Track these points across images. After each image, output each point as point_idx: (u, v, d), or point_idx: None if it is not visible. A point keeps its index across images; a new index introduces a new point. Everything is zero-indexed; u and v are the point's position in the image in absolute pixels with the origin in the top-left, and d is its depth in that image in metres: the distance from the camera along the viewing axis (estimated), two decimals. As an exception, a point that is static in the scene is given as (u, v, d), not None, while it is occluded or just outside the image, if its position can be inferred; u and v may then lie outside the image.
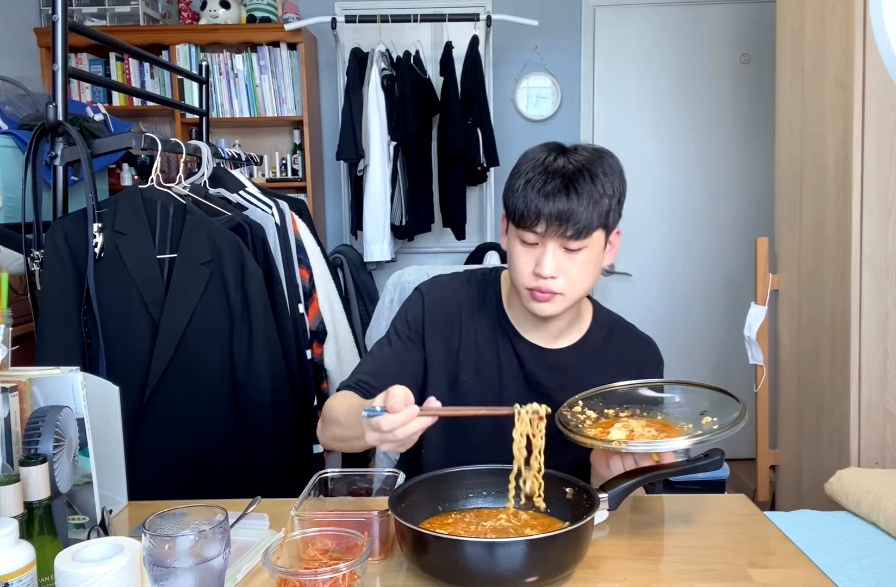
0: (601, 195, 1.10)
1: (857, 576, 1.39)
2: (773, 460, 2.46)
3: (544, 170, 1.10)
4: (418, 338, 1.26)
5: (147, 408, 1.56)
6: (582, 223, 1.08)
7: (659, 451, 1.01)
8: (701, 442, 0.97)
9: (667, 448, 0.98)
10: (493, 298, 1.28)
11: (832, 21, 2.01)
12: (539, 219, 1.09)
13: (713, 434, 0.99)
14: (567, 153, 1.13)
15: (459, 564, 0.86)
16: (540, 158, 1.13)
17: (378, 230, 3.10)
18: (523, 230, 1.11)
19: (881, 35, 1.21)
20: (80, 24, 1.76)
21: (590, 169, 1.10)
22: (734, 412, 1.04)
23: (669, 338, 3.42)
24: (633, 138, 3.58)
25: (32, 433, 0.93)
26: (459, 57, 3.17)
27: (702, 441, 0.97)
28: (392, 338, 1.27)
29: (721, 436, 0.99)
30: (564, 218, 1.07)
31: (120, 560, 0.77)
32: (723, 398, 1.10)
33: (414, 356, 1.25)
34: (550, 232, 1.09)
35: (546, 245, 1.11)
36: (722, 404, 1.08)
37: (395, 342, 1.26)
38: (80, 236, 1.55)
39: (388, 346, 1.26)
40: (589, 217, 1.08)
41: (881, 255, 1.91)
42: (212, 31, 3.27)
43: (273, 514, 1.07)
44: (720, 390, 1.12)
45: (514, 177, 1.14)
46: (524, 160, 1.15)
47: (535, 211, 1.08)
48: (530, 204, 1.09)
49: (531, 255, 1.13)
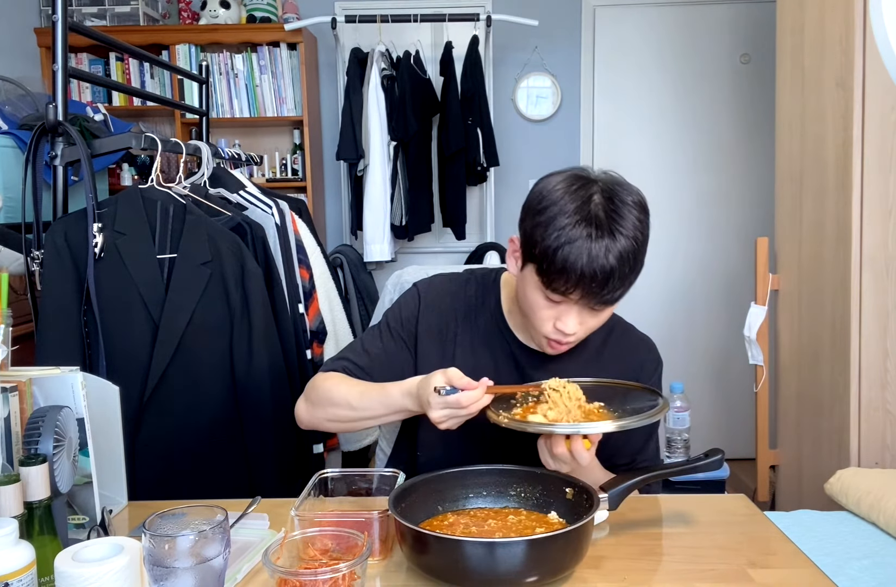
0: (638, 260, 1.05)
1: (857, 576, 1.39)
2: (773, 460, 2.46)
3: (584, 229, 1.01)
4: (409, 338, 1.26)
5: (147, 408, 1.56)
6: (617, 293, 1.05)
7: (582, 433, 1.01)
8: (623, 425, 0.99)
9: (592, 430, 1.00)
10: (493, 301, 1.27)
11: (832, 21, 2.01)
12: (576, 288, 1.04)
13: (634, 419, 1.01)
14: (601, 196, 1.04)
15: (459, 564, 0.86)
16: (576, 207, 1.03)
17: (378, 230, 3.10)
18: (552, 292, 1.06)
19: (881, 35, 1.21)
20: (80, 24, 1.76)
21: (626, 225, 1.03)
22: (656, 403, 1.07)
23: (669, 339, 3.42)
24: (632, 138, 3.58)
25: (32, 433, 0.93)
26: (459, 57, 3.17)
27: (624, 425, 0.99)
28: (383, 332, 1.27)
29: (641, 422, 1.01)
30: (601, 289, 1.04)
31: (120, 560, 0.77)
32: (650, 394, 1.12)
33: (403, 355, 1.25)
34: (583, 300, 1.06)
35: (572, 306, 1.08)
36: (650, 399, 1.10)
37: (385, 338, 1.27)
38: (80, 236, 1.55)
39: (378, 341, 1.27)
40: (624, 286, 1.05)
41: (881, 255, 1.91)
42: (212, 31, 3.27)
43: (273, 514, 1.07)
44: (646, 388, 1.15)
45: (546, 227, 1.04)
46: (553, 206, 1.04)
47: (575, 283, 1.03)
48: (570, 274, 1.02)
49: (554, 310, 1.09)
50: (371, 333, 1.29)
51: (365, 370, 1.23)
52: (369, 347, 1.27)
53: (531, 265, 1.08)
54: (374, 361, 1.24)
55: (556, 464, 1.06)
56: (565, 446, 1.03)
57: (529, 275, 1.09)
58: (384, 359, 1.24)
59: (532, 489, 1.06)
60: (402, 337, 1.26)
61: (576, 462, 1.04)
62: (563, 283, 1.04)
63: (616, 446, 1.23)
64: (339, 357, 1.28)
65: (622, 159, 3.56)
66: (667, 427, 2.48)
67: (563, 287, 1.04)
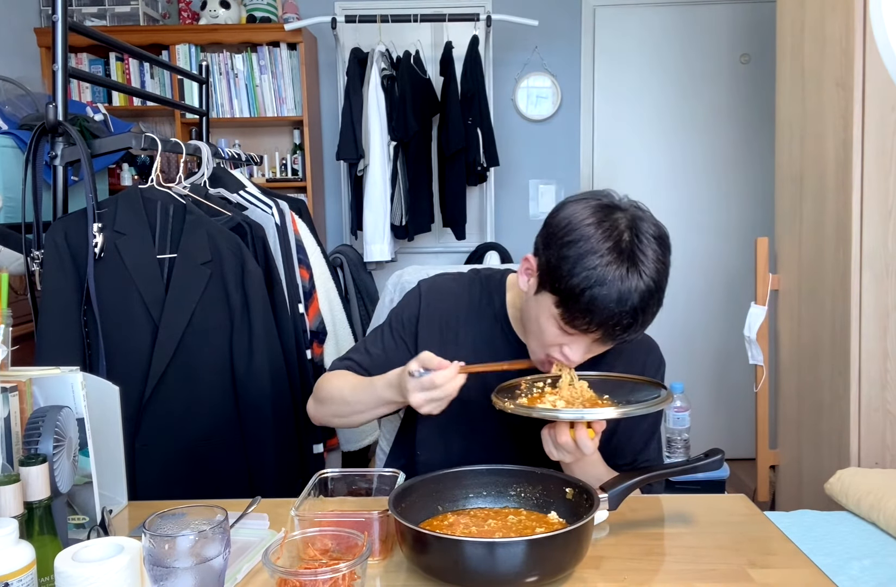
0: (658, 309, 1.05)
1: (858, 576, 1.39)
2: (773, 460, 2.46)
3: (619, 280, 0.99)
4: (410, 339, 1.27)
5: (147, 408, 1.55)
6: (634, 337, 1.05)
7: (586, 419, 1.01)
8: (626, 413, 1.01)
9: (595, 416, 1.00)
10: (497, 303, 1.27)
11: (832, 21, 2.00)
12: (598, 329, 1.02)
13: (637, 407, 1.02)
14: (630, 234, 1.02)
15: (459, 564, 0.86)
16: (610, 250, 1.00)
17: (378, 230, 3.10)
18: (570, 327, 1.04)
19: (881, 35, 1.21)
20: (80, 24, 1.76)
21: (659, 287, 1.04)
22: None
23: (669, 339, 3.40)
24: (632, 138, 3.58)
25: (32, 433, 0.93)
26: (459, 57, 3.17)
27: (627, 412, 1.01)
28: (385, 332, 1.29)
29: (645, 410, 1.03)
30: (622, 333, 1.03)
31: (120, 560, 0.77)
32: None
33: (403, 355, 1.25)
34: (599, 338, 1.05)
35: (584, 338, 1.06)
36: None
37: (387, 339, 1.28)
38: (80, 236, 1.55)
39: (380, 341, 1.29)
40: (642, 330, 1.05)
41: (881, 255, 1.91)
42: (212, 31, 3.27)
43: (273, 514, 1.07)
44: (651, 381, 1.15)
45: (574, 262, 1.00)
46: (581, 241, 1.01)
47: (598, 324, 1.01)
48: (595, 315, 1.00)
49: (565, 338, 1.07)
50: (374, 333, 1.31)
51: (367, 369, 1.25)
52: (371, 348, 1.28)
53: (551, 296, 1.05)
54: (375, 361, 1.26)
55: (559, 453, 1.06)
56: (570, 435, 1.03)
57: (546, 304, 1.06)
58: (385, 359, 1.25)
59: (532, 489, 1.06)
60: (402, 337, 1.27)
61: (580, 451, 1.04)
62: (586, 324, 1.02)
63: (618, 446, 1.23)
64: (345, 357, 1.31)
65: (622, 159, 3.56)
66: (667, 427, 2.48)
67: (585, 327, 1.02)
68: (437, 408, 1.07)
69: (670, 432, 2.49)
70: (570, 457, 1.06)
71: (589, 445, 1.03)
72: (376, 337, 1.30)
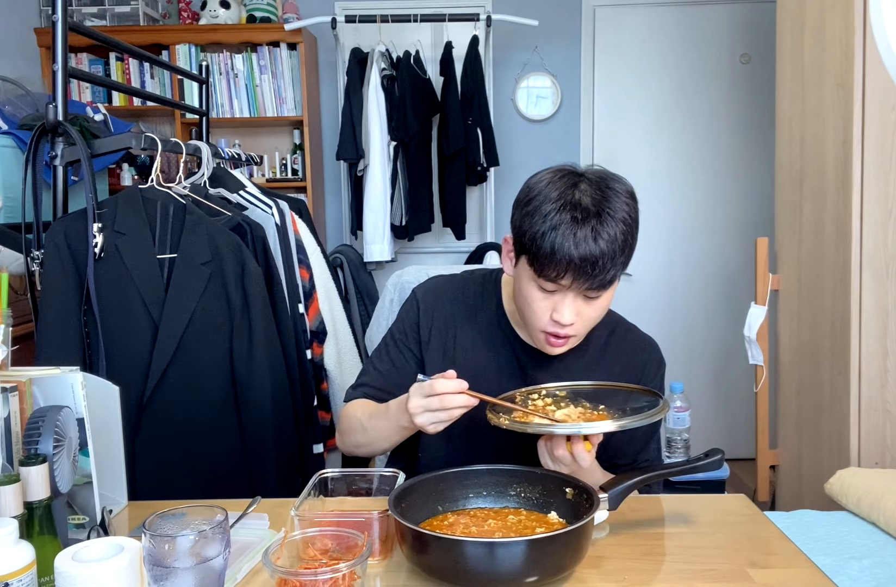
0: (625, 241, 1.04)
1: (857, 576, 1.39)
2: (773, 460, 2.46)
3: (570, 214, 1.02)
4: (416, 346, 1.26)
5: (147, 408, 1.55)
6: (608, 275, 1.04)
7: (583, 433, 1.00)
8: (623, 425, 1.00)
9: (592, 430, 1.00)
10: (493, 301, 1.27)
11: (832, 21, 2.00)
12: (566, 272, 1.03)
13: (633, 419, 1.01)
14: (583, 186, 1.05)
15: (459, 564, 0.86)
16: (560, 195, 1.04)
17: (378, 230, 3.10)
18: (545, 280, 1.06)
19: (881, 35, 1.21)
20: (80, 24, 1.76)
21: (613, 210, 1.03)
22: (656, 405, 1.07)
23: (669, 339, 3.42)
24: (632, 138, 3.58)
25: (32, 433, 0.93)
26: (459, 57, 3.17)
27: (624, 425, 1.00)
28: (389, 346, 1.28)
29: (640, 422, 1.01)
30: (592, 271, 1.02)
31: (120, 560, 0.77)
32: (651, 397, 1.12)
33: (412, 364, 1.25)
34: (575, 284, 1.05)
35: (566, 293, 1.07)
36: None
37: (392, 351, 1.27)
38: (80, 236, 1.55)
39: (386, 356, 1.27)
40: (615, 268, 1.04)
41: (881, 255, 1.91)
42: (212, 31, 3.27)
43: (273, 514, 1.07)
44: (645, 389, 1.14)
45: (532, 214, 1.05)
46: (539, 193, 1.06)
47: (564, 264, 1.02)
48: (559, 258, 1.02)
49: (549, 301, 1.09)
50: (378, 351, 1.30)
51: (383, 389, 1.24)
52: (379, 366, 1.27)
53: (523, 257, 1.09)
54: (387, 378, 1.25)
55: (556, 465, 1.06)
56: (566, 448, 1.03)
57: (523, 268, 1.10)
58: (396, 373, 1.25)
59: (532, 489, 1.06)
60: (408, 346, 1.26)
61: (576, 464, 1.04)
62: (554, 268, 1.03)
63: (618, 447, 1.23)
64: (357, 384, 1.29)
65: (622, 159, 3.56)
66: (667, 427, 2.48)
67: (554, 272, 1.04)
68: (437, 422, 1.03)
69: (670, 432, 2.49)
70: (567, 470, 1.06)
71: (586, 458, 1.03)
72: (381, 354, 1.29)
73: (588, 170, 1.10)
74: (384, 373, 1.26)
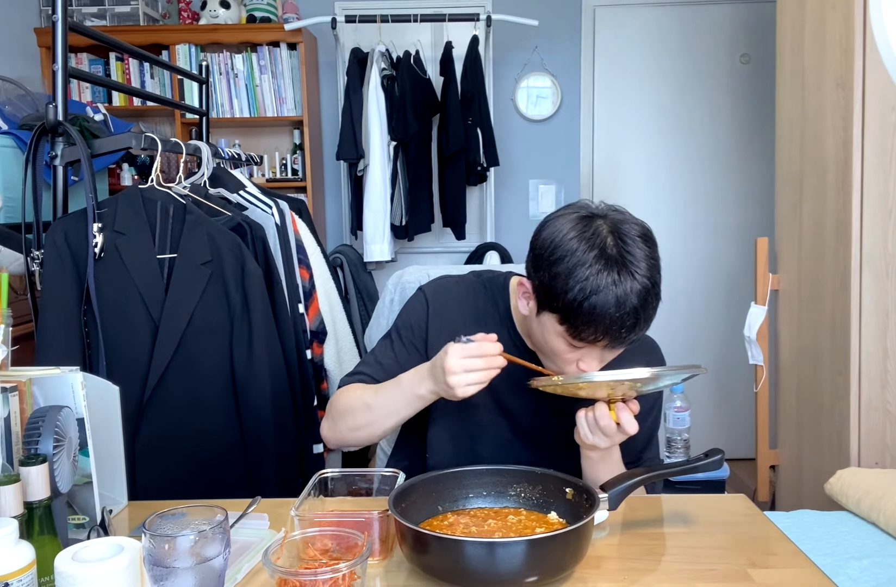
0: (658, 304, 1.05)
1: (857, 576, 1.39)
2: (773, 460, 2.46)
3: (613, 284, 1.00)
4: (421, 345, 1.25)
5: (147, 408, 1.56)
6: (640, 336, 1.05)
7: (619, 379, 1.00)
8: (658, 374, 1.00)
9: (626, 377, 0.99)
10: (502, 307, 1.26)
11: (832, 21, 2.00)
12: (605, 337, 1.03)
13: (668, 369, 1.03)
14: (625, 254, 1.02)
15: (459, 564, 0.86)
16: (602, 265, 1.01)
17: (378, 230, 3.10)
18: (579, 341, 1.05)
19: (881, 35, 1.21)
20: (80, 24, 1.76)
21: (654, 283, 1.04)
22: None
23: (669, 339, 3.40)
24: (632, 138, 3.58)
25: (32, 433, 0.93)
26: (459, 57, 3.17)
27: (659, 374, 1.00)
28: (395, 341, 1.26)
29: (679, 375, 1.03)
30: (629, 337, 1.04)
31: (120, 560, 0.77)
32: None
33: (416, 362, 1.23)
34: (608, 346, 1.05)
35: (595, 348, 1.07)
36: None
37: (397, 347, 1.25)
38: (80, 236, 1.55)
39: (390, 351, 1.25)
40: (647, 329, 1.06)
41: (881, 255, 1.91)
42: (212, 31, 3.27)
43: (273, 514, 1.07)
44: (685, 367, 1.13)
45: (568, 278, 1.01)
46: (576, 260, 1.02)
47: (604, 332, 1.02)
48: (599, 323, 1.01)
49: (576, 353, 1.09)
50: (382, 344, 1.28)
51: (380, 381, 1.22)
52: (382, 359, 1.25)
53: (552, 315, 1.06)
54: (388, 371, 1.23)
55: (596, 437, 1.05)
56: (611, 416, 1.03)
57: (550, 324, 1.07)
58: (398, 368, 1.23)
59: (532, 489, 1.06)
60: (413, 344, 1.25)
61: (623, 432, 1.04)
62: (592, 333, 1.03)
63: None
64: (354, 371, 1.27)
65: (622, 159, 3.56)
66: (667, 427, 2.48)
67: (592, 336, 1.03)
68: (473, 384, 1.02)
69: (670, 432, 2.49)
70: (608, 441, 1.05)
71: (634, 423, 1.02)
72: (385, 347, 1.27)
73: (603, 212, 1.07)
74: (386, 368, 1.24)
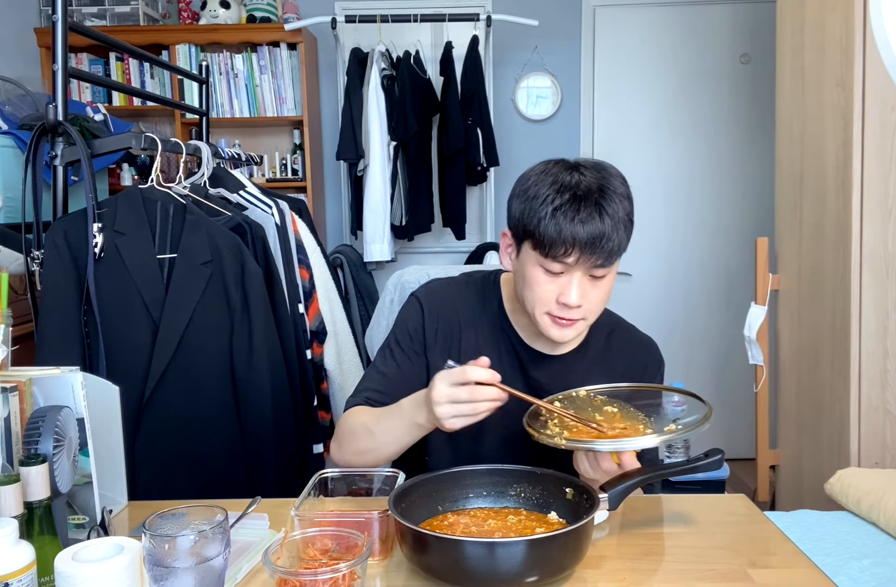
0: (627, 217, 1.07)
1: (857, 576, 1.39)
2: (773, 460, 2.46)
3: (571, 194, 1.05)
4: (421, 349, 1.24)
5: (147, 408, 1.56)
6: (613, 249, 1.06)
7: (627, 449, 1.00)
8: (666, 440, 1.01)
9: (633, 446, 0.99)
10: (495, 304, 1.26)
11: (832, 21, 2.01)
12: (573, 248, 1.05)
13: (677, 433, 1.02)
14: (580, 169, 1.09)
15: (459, 564, 0.86)
16: (558, 178, 1.07)
17: (378, 230, 3.10)
18: (551, 260, 1.07)
19: (881, 35, 1.21)
20: (80, 24, 1.76)
21: (612, 188, 1.07)
22: (700, 414, 1.06)
23: (669, 339, 3.42)
24: (632, 138, 3.58)
25: (32, 433, 0.93)
26: (459, 57, 3.17)
27: (667, 440, 1.01)
28: (395, 350, 1.25)
29: (685, 435, 1.03)
30: (598, 246, 1.04)
31: (120, 560, 0.77)
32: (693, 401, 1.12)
33: (418, 368, 1.23)
34: (581, 261, 1.06)
35: (573, 274, 1.08)
36: (693, 406, 1.11)
37: (398, 355, 1.24)
38: (80, 236, 1.55)
39: (391, 360, 1.24)
40: (618, 241, 1.06)
41: (881, 255, 1.91)
42: (212, 31, 3.27)
43: (273, 514, 1.07)
44: (690, 394, 1.14)
45: (532, 199, 1.08)
46: (537, 181, 1.09)
47: (570, 240, 1.04)
48: (564, 232, 1.04)
49: (555, 283, 1.09)
50: (382, 355, 1.27)
51: (388, 394, 1.20)
52: (384, 370, 1.24)
53: (526, 243, 1.10)
54: (392, 382, 1.21)
55: (596, 474, 1.05)
56: (613, 460, 1.02)
57: (527, 254, 1.11)
58: (401, 377, 1.22)
59: (532, 489, 1.06)
60: (413, 349, 1.24)
61: (621, 470, 1.03)
62: (561, 246, 1.05)
63: None
64: (359, 390, 1.25)
65: (622, 159, 3.56)
66: (667, 427, 2.48)
67: (562, 249, 1.05)
68: (459, 416, 0.98)
69: (670, 432, 2.49)
70: (608, 477, 1.04)
71: (636, 463, 1.03)
72: (385, 357, 1.25)
73: (579, 159, 1.13)
74: (390, 377, 1.22)
